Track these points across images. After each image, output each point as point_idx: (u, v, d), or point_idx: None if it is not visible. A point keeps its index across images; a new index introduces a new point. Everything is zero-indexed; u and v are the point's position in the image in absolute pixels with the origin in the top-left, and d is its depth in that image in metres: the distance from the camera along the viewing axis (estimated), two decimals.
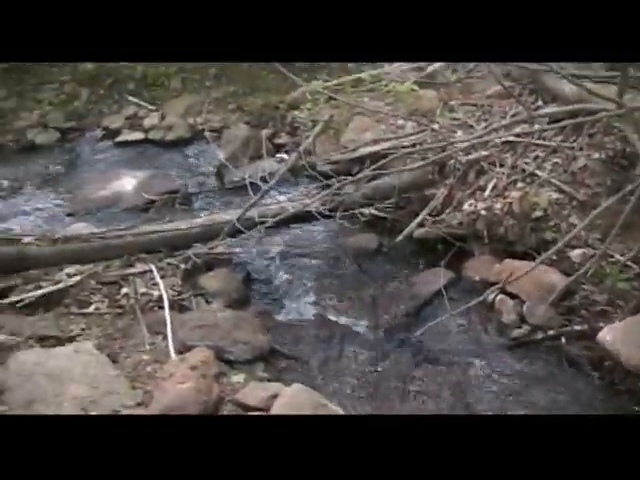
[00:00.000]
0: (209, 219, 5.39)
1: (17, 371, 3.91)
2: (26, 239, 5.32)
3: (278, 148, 7.28)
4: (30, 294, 4.84)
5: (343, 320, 5.03)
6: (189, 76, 9.09)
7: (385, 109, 6.70)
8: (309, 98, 7.31)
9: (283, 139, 7.45)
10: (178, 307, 4.77)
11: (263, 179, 5.47)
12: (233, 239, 5.22)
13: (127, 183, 6.84)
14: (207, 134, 7.59)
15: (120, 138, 8.26)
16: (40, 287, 4.91)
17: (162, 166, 7.40)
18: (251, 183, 5.35)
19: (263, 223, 4.96)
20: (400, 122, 6.62)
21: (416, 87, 6.68)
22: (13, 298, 4.84)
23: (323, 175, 5.58)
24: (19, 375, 3.88)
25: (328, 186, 5.27)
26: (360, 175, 5.31)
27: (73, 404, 3.68)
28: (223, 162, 6.68)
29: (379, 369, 4.60)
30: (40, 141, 8.75)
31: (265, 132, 7.22)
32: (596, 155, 5.27)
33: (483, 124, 6.09)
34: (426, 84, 7.07)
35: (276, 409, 3.75)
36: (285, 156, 6.98)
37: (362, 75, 7.45)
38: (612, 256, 4.69)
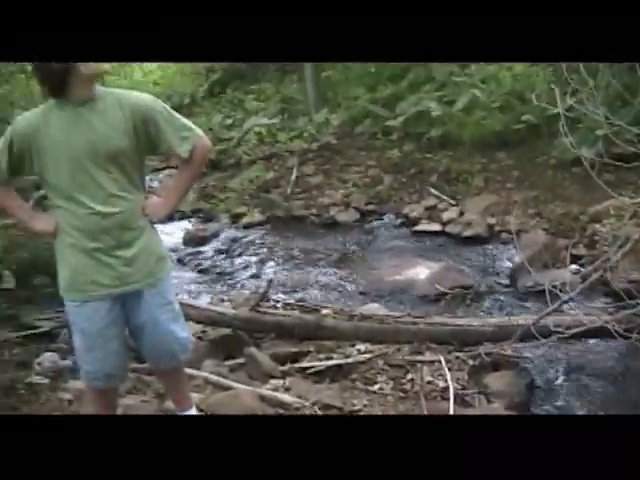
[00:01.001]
0: (502, 320, 5.38)
1: None
2: (324, 311, 5.60)
3: (574, 259, 7.17)
4: (321, 363, 5.05)
5: None
6: (492, 176, 9.24)
7: None
8: (612, 213, 7.19)
9: (580, 250, 7.33)
10: (460, 401, 4.78)
11: (559, 288, 5.41)
12: (523, 343, 5.19)
13: (421, 272, 7.00)
14: (504, 235, 7.67)
15: (418, 227, 8.55)
16: (331, 358, 5.11)
17: (457, 260, 7.52)
18: (548, 290, 5.31)
19: (557, 333, 4.91)
20: None
21: None
22: (304, 364, 5.09)
23: (622, 292, 5.44)
24: None
25: (627, 305, 5.14)
26: None
27: None
28: (518, 265, 6.69)
29: None
30: (340, 219, 9.25)
31: (565, 241, 7.15)
32: None
33: None
34: None
35: None
36: (581, 268, 6.88)
37: None
38: None
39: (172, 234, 9.26)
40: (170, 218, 9.00)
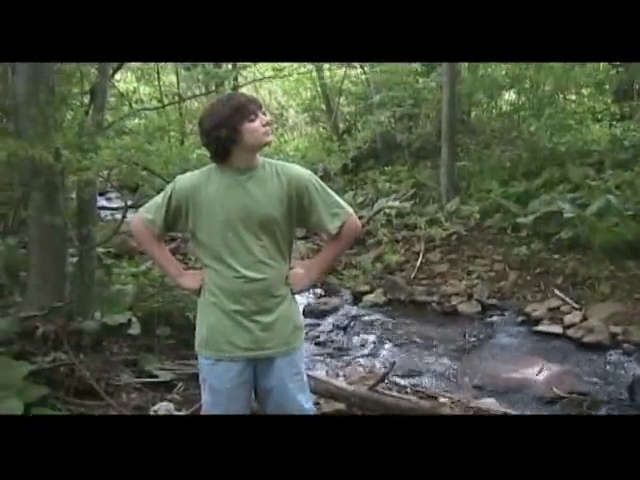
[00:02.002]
0: None
1: None
2: (441, 399, 5.68)
3: None
4: None
5: None
6: (619, 284, 9.14)
7: None
8: None
9: None
10: None
11: None
12: None
13: (538, 372, 6.96)
14: (626, 346, 7.59)
15: (539, 327, 8.49)
16: None
17: (575, 365, 7.40)
18: None
19: None
20: None
21: None
22: None
23: None
24: None
25: None
26: None
27: None
28: (639, 378, 6.61)
29: None
30: (462, 309, 9.32)
31: None
32: None
33: None
34: None
35: None
36: None
37: None
38: None
39: None
40: None
